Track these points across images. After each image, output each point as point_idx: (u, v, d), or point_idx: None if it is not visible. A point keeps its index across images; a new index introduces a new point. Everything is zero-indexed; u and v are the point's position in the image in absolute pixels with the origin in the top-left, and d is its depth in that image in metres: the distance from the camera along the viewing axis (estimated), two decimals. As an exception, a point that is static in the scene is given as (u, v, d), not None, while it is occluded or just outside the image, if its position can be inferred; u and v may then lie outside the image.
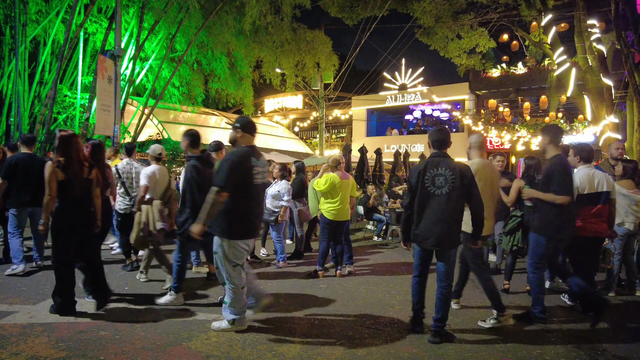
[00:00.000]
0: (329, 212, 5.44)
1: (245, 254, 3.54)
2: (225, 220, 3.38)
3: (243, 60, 14.18)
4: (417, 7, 13.55)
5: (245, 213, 3.43)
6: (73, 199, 3.81)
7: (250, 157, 3.39)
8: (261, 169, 3.50)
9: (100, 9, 11.15)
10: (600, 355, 3.30)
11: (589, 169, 4.31)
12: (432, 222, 3.43)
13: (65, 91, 11.25)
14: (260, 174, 3.48)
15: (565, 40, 11.03)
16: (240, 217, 3.41)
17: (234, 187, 3.31)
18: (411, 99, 21.64)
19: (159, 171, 4.90)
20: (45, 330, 3.53)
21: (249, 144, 3.51)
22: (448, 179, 3.41)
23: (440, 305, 3.50)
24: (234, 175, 3.30)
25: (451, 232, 3.45)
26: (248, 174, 3.37)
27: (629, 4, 9.13)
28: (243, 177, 3.36)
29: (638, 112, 9.16)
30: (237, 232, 3.43)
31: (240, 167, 3.34)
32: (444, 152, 3.57)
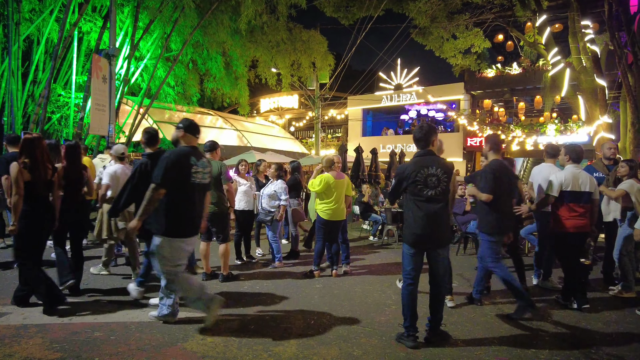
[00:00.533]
0: (324, 212, 5.43)
1: (185, 254, 3.54)
2: (163, 219, 3.43)
3: (238, 60, 14.15)
4: (412, 7, 13.58)
5: (183, 211, 3.48)
6: (38, 200, 3.92)
7: (189, 157, 3.47)
8: (202, 169, 3.54)
9: (95, 8, 11.08)
10: (594, 354, 3.32)
11: (575, 168, 4.46)
12: (426, 223, 3.35)
13: (60, 90, 11.17)
14: (200, 174, 3.53)
15: (560, 40, 11.10)
16: (179, 216, 3.46)
17: (172, 185, 3.38)
18: (407, 99, 21.70)
19: (120, 170, 5.06)
20: (39, 331, 3.50)
21: (190, 145, 3.59)
22: (441, 179, 3.36)
23: (436, 307, 3.49)
24: (170, 173, 3.36)
25: (444, 232, 3.45)
26: (186, 172, 3.43)
27: (622, 5, 9.20)
28: (181, 176, 3.41)
29: (631, 112, 9.23)
30: (174, 231, 3.45)
31: (178, 166, 3.40)
32: (430, 150, 3.48)
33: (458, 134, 20.01)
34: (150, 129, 4.36)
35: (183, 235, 3.49)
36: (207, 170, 3.65)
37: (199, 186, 3.56)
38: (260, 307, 4.28)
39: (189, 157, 3.47)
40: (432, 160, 3.42)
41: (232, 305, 4.32)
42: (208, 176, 3.68)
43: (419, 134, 3.50)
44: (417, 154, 3.52)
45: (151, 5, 10.86)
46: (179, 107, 15.34)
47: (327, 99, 21.64)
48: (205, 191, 3.75)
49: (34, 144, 3.90)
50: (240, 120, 20.94)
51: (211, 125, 18.80)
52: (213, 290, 4.78)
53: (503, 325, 3.88)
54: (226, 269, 5.22)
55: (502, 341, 3.52)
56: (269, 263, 6.17)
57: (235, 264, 6.12)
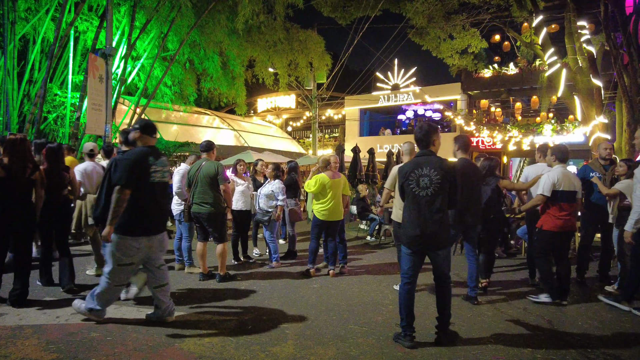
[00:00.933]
0: (319, 213, 5.45)
1: (136, 254, 3.54)
2: (123, 218, 3.46)
3: (236, 60, 14.13)
4: (409, 8, 13.61)
5: (139, 210, 3.51)
6: (12, 197, 4.01)
7: (147, 157, 3.54)
8: (160, 168, 3.61)
9: (91, 7, 11.03)
10: (590, 354, 3.34)
11: (564, 168, 4.56)
12: (418, 224, 3.36)
13: (56, 90, 11.12)
14: (159, 173, 3.60)
15: (556, 41, 11.14)
16: (134, 214, 3.49)
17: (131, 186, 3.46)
18: (404, 99, 21.72)
19: (91, 167, 5.21)
20: (35, 332, 3.49)
21: (147, 145, 3.66)
22: (433, 180, 3.35)
23: (443, 304, 3.47)
24: (133, 174, 3.43)
25: (441, 232, 3.37)
26: (145, 172, 3.50)
27: (618, 5, 9.25)
28: (139, 176, 3.48)
29: (627, 112, 9.28)
30: (128, 229, 3.48)
31: (137, 166, 3.47)
32: (429, 150, 3.49)
33: (455, 134, 20.05)
34: (127, 129, 4.36)
35: (135, 234, 3.51)
36: (167, 169, 3.72)
37: (158, 185, 3.62)
38: (257, 307, 4.28)
39: (147, 157, 3.54)
40: (427, 160, 3.42)
41: (229, 305, 4.31)
42: (168, 174, 3.76)
43: (419, 134, 3.52)
44: (417, 154, 3.55)
45: (148, 4, 10.83)
46: (176, 107, 15.30)
47: (325, 98, 21.67)
48: (167, 189, 3.81)
49: (14, 144, 4.03)
50: (238, 120, 20.93)
51: (208, 125, 18.77)
52: (210, 290, 4.79)
53: (500, 325, 3.89)
54: (223, 269, 5.21)
55: (498, 340, 3.53)
56: (266, 263, 6.16)
57: (232, 264, 6.12)
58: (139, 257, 3.58)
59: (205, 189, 5.03)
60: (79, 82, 10.95)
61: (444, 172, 3.37)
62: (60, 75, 11.62)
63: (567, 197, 4.44)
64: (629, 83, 9.18)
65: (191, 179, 5.14)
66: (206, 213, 5.03)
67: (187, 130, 16.55)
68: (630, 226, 4.07)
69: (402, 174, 3.49)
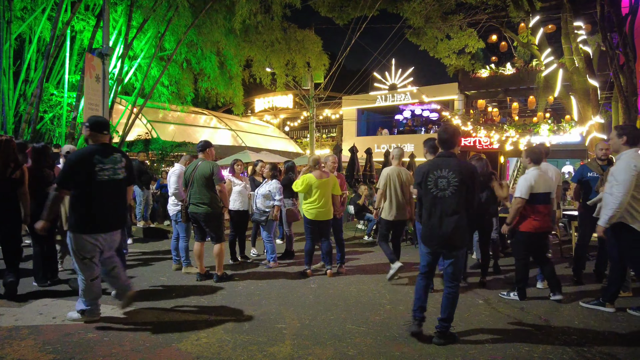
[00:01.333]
0: (307, 212, 5.48)
1: (95, 248, 3.58)
2: (72, 216, 3.55)
3: (233, 60, 14.11)
4: (407, 8, 13.61)
5: (90, 209, 3.53)
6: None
7: (92, 155, 3.53)
8: (110, 165, 3.59)
9: (88, 7, 10.99)
10: (586, 353, 3.35)
11: (538, 170, 4.60)
12: (436, 224, 3.42)
13: (52, 90, 11.08)
14: (108, 171, 3.58)
15: (553, 41, 11.18)
16: (85, 213, 3.53)
17: (75, 184, 3.51)
18: (401, 99, 21.76)
19: None
20: (31, 333, 3.47)
21: (98, 142, 3.65)
22: (451, 182, 3.39)
23: (446, 305, 3.47)
24: (71, 173, 3.49)
25: (456, 234, 3.39)
26: (88, 171, 3.50)
27: (614, 6, 9.29)
28: (83, 175, 3.49)
29: (623, 112, 9.32)
30: (81, 227, 3.53)
31: (78, 166, 3.50)
32: (449, 152, 3.53)
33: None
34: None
35: (90, 231, 3.54)
36: (119, 165, 3.67)
37: (108, 183, 3.59)
38: (254, 307, 4.27)
39: (91, 156, 3.53)
40: (446, 162, 3.46)
41: (226, 305, 4.31)
42: (121, 172, 3.69)
43: (444, 135, 3.55)
44: (438, 154, 3.61)
45: (145, 4, 10.80)
46: (173, 107, 15.27)
47: (322, 98, 21.67)
48: (121, 186, 3.75)
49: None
50: (235, 120, 20.90)
51: (205, 124, 18.75)
52: (207, 290, 4.78)
53: (497, 324, 3.90)
54: (220, 269, 5.20)
55: (495, 340, 3.54)
56: (264, 263, 6.16)
57: (229, 264, 6.11)
58: (96, 252, 3.61)
59: (201, 189, 5.02)
60: (76, 82, 10.92)
61: (462, 175, 3.40)
62: (57, 75, 11.58)
63: (543, 199, 4.53)
64: (625, 83, 9.22)
65: (187, 179, 5.13)
66: (203, 213, 5.03)
67: (184, 130, 16.52)
68: (604, 222, 4.04)
69: (420, 174, 3.55)
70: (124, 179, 3.74)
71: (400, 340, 3.50)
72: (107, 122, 3.75)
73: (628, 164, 3.90)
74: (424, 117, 23.29)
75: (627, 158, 3.95)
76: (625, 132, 4.06)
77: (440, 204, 3.43)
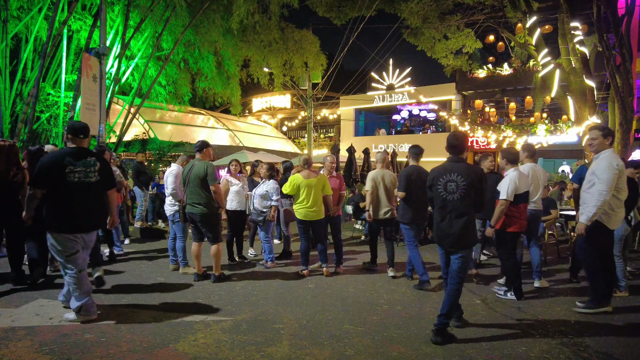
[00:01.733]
0: (297, 212, 5.51)
1: (75, 244, 3.68)
2: (49, 216, 3.67)
3: (230, 59, 14.09)
4: (404, 8, 13.63)
5: (60, 209, 3.65)
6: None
7: (64, 158, 3.64)
8: (81, 168, 3.69)
9: (85, 6, 10.95)
10: (583, 352, 3.36)
11: (517, 171, 4.65)
12: (446, 226, 3.61)
13: (49, 89, 11.03)
14: (80, 173, 3.68)
15: (550, 41, 11.22)
16: (55, 213, 3.66)
17: (51, 186, 3.64)
18: (399, 99, 21.78)
19: None
20: (28, 333, 3.46)
21: (76, 145, 3.79)
22: (459, 185, 3.55)
23: (447, 301, 3.55)
24: (43, 174, 3.62)
25: (464, 234, 3.55)
26: (59, 173, 3.61)
27: (610, 7, 9.32)
28: (54, 177, 3.61)
29: (619, 113, 9.36)
30: (58, 226, 3.66)
31: (49, 167, 3.62)
32: (458, 157, 3.69)
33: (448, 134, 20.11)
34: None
35: (60, 231, 3.65)
36: (92, 169, 3.76)
37: (80, 185, 3.68)
38: (252, 307, 4.27)
39: (63, 158, 3.64)
40: (455, 167, 3.62)
41: (224, 305, 4.30)
42: (94, 175, 3.77)
43: (454, 141, 3.72)
44: (448, 159, 3.75)
45: (142, 4, 10.77)
46: (171, 107, 15.24)
47: (320, 98, 21.65)
48: (94, 189, 3.81)
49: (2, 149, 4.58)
50: (232, 120, 20.87)
51: (203, 124, 18.71)
52: (205, 290, 4.77)
53: (494, 324, 3.91)
54: (218, 269, 5.20)
55: (492, 339, 3.55)
56: (262, 263, 6.15)
57: (227, 264, 6.11)
58: (80, 246, 3.72)
59: (196, 190, 5.02)
60: (73, 82, 10.87)
61: (471, 179, 3.55)
62: (54, 75, 11.52)
63: (524, 198, 4.61)
64: (621, 84, 9.26)
65: (184, 179, 5.13)
66: (199, 214, 5.02)
67: (181, 130, 16.49)
68: (586, 219, 4.05)
69: (430, 178, 3.76)
70: (98, 182, 3.79)
71: (397, 341, 3.51)
72: (83, 127, 3.85)
73: (610, 163, 3.98)
74: (421, 117, 23.32)
75: (609, 157, 4.03)
76: (610, 133, 4.17)
77: (449, 206, 3.60)
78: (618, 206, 4.12)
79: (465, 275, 3.68)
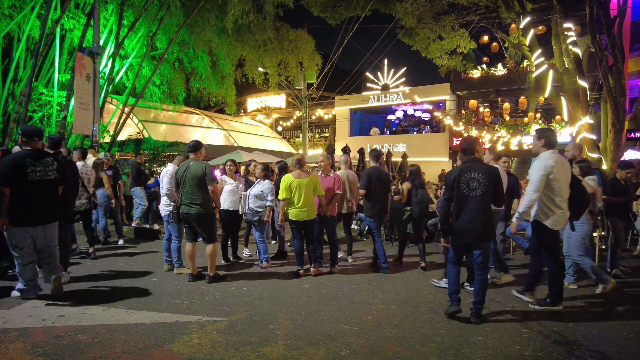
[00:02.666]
0: (289, 212, 5.50)
1: (26, 239, 4.14)
2: (7, 211, 4.06)
3: (225, 59, 14.06)
4: (399, 8, 13.67)
5: (19, 204, 4.09)
6: None
7: (25, 159, 4.12)
8: (41, 168, 4.18)
9: (78, 5, 10.87)
10: (576, 350, 3.39)
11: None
12: (470, 219, 3.91)
13: (41, 89, 10.94)
14: (40, 172, 4.17)
15: (543, 42, 11.30)
16: (15, 208, 4.08)
17: (12, 183, 4.03)
18: (393, 99, 21.84)
19: None
20: (20, 335, 3.43)
21: (31, 147, 4.24)
22: (481, 182, 3.90)
23: (479, 290, 3.96)
24: (7, 173, 4.00)
25: (486, 227, 3.93)
26: (21, 172, 4.07)
27: (603, 8, 9.41)
28: (16, 176, 4.05)
29: (612, 113, 9.45)
30: (13, 220, 4.08)
31: (11, 167, 4.04)
32: (475, 157, 4.05)
33: (444, 134, 20.22)
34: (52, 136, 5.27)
35: (19, 224, 4.11)
36: (50, 168, 4.26)
37: (40, 183, 4.17)
38: (247, 307, 4.26)
39: (24, 159, 4.11)
40: (474, 166, 3.99)
41: (218, 306, 4.29)
42: (52, 173, 4.27)
43: (465, 144, 4.14)
44: (464, 160, 4.11)
45: (136, 3, 10.72)
46: (165, 106, 15.18)
47: (315, 98, 21.67)
48: (52, 186, 4.31)
49: None
50: (227, 120, 20.82)
51: (197, 124, 18.66)
52: (200, 291, 4.76)
53: (488, 324, 3.93)
54: (213, 269, 5.18)
55: (487, 338, 3.57)
56: (256, 264, 6.14)
57: (221, 265, 6.09)
58: (27, 243, 4.16)
59: (193, 190, 4.99)
60: (66, 81, 10.79)
61: (490, 176, 3.92)
62: (46, 74, 11.44)
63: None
64: (613, 84, 9.35)
65: (179, 179, 5.09)
66: (195, 214, 5.00)
67: (176, 129, 16.42)
68: (515, 217, 4.26)
69: (451, 178, 4.04)
70: (55, 179, 4.31)
71: (393, 340, 3.52)
72: (37, 131, 4.32)
73: (541, 164, 4.15)
74: (416, 117, 23.41)
75: (543, 159, 4.19)
76: (543, 135, 4.29)
77: (472, 202, 3.92)
78: (556, 206, 4.18)
79: (489, 263, 4.04)
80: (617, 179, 5.88)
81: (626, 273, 5.85)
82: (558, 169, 4.10)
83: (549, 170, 4.09)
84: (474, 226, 3.90)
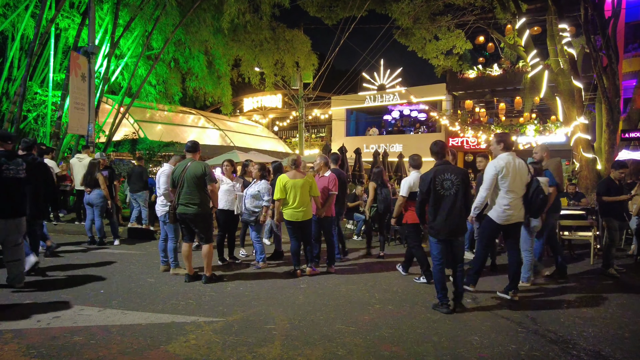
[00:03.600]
0: (284, 212, 5.50)
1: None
2: None
3: (221, 59, 14.03)
4: (395, 8, 13.71)
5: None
6: None
7: (0, 158, 4.51)
8: (13, 167, 4.57)
9: (73, 4, 10.82)
10: (572, 349, 3.41)
11: (417, 172, 5.40)
12: (445, 218, 4.18)
13: (36, 88, 10.88)
14: (13, 170, 4.56)
15: (538, 43, 11.37)
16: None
17: None
18: (390, 99, 21.88)
19: None
20: (15, 336, 3.40)
21: (4, 149, 4.59)
22: (454, 182, 4.19)
23: (456, 283, 4.28)
24: None
25: (460, 224, 4.22)
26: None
27: (597, 9, 9.47)
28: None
29: (606, 113, 9.51)
30: None
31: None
32: (446, 160, 4.36)
33: (440, 135, 20.28)
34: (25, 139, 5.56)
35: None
36: (20, 168, 4.65)
37: (12, 180, 4.55)
38: (244, 308, 4.25)
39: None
40: (447, 168, 4.29)
41: (215, 306, 4.28)
42: (22, 172, 4.66)
43: (435, 148, 4.40)
44: (436, 163, 4.37)
45: (132, 2, 10.68)
46: (161, 106, 15.13)
47: (311, 98, 21.66)
48: (21, 184, 4.65)
49: None
50: (223, 120, 20.78)
51: (193, 124, 18.60)
52: (196, 291, 4.74)
53: (484, 323, 3.95)
54: (209, 270, 5.16)
55: (483, 338, 3.58)
56: (253, 264, 6.13)
57: (218, 265, 6.07)
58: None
59: (192, 190, 4.97)
60: (61, 81, 10.74)
61: (462, 176, 4.22)
62: (41, 74, 11.37)
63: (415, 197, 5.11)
64: (608, 85, 9.41)
65: (176, 179, 5.07)
66: (193, 214, 4.98)
67: (172, 129, 16.36)
68: (471, 211, 4.56)
69: (427, 179, 4.25)
70: (24, 178, 4.69)
71: (389, 340, 3.52)
72: (8, 135, 4.74)
73: (492, 165, 4.50)
74: (412, 118, 23.46)
75: (495, 160, 4.51)
76: (502, 139, 4.61)
77: (447, 201, 4.19)
78: (503, 203, 4.48)
79: (464, 258, 4.42)
80: (611, 179, 5.93)
81: (621, 272, 5.89)
82: (508, 169, 4.43)
83: (499, 170, 4.43)
84: (448, 224, 4.18)
